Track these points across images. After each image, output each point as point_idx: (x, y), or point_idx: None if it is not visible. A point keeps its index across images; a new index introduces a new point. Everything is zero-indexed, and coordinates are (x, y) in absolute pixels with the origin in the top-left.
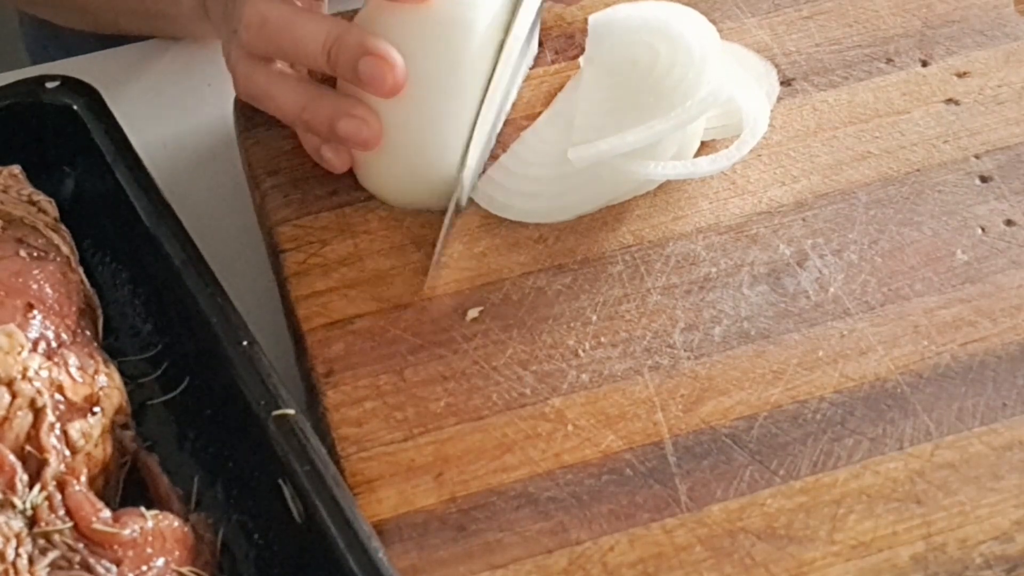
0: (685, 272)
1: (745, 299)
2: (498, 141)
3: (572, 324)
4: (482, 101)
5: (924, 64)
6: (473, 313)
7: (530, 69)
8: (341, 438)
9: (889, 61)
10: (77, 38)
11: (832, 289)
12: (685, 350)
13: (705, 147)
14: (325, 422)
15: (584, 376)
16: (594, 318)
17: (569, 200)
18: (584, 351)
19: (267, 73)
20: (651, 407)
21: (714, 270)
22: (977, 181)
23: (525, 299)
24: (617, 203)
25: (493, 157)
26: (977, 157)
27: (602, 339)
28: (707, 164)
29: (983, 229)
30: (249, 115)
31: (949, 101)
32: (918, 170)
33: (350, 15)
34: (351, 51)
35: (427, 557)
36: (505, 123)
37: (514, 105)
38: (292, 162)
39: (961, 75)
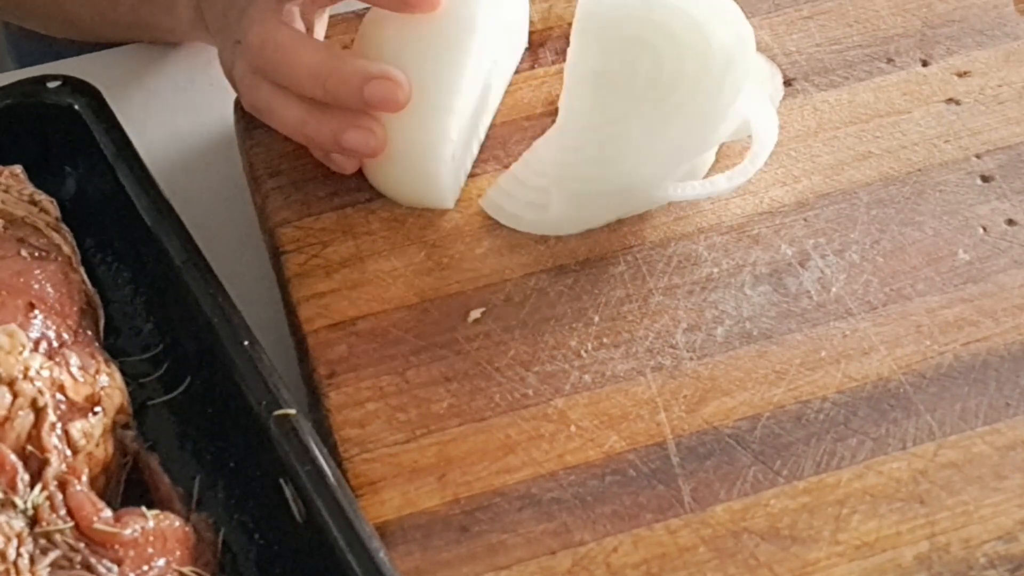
0: (687, 272)
1: (747, 299)
2: (492, 138)
3: (574, 325)
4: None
5: (924, 64)
6: (475, 314)
7: (530, 69)
8: (344, 440)
9: (889, 61)
10: (67, 46)
11: (834, 289)
12: (688, 350)
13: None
14: (328, 424)
15: (587, 377)
16: (596, 319)
17: (580, 215)
18: (586, 352)
19: (271, 87)
20: (654, 408)
21: (716, 270)
22: (978, 181)
23: (527, 300)
24: None
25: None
26: (978, 157)
27: (604, 340)
28: (725, 182)
29: (985, 229)
30: (249, 117)
31: (950, 101)
32: (919, 170)
33: (351, 16)
34: (352, 81)
35: (431, 558)
36: (503, 123)
37: (512, 107)
38: (293, 163)
39: (961, 75)
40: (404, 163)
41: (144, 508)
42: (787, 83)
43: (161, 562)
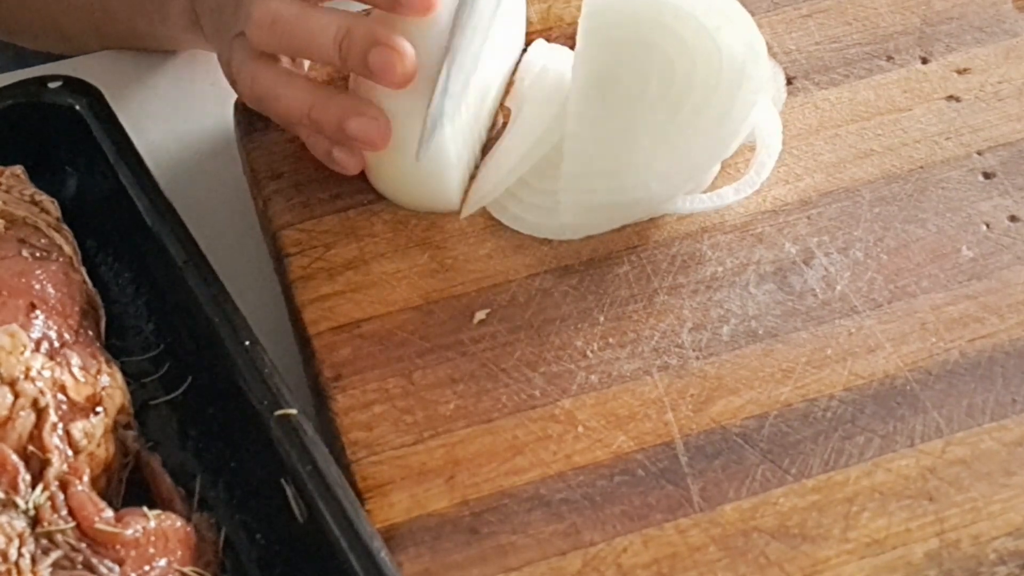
0: (691, 272)
1: (752, 298)
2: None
3: (580, 325)
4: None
5: (924, 61)
6: (480, 315)
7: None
8: (351, 442)
9: (889, 59)
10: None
11: (839, 287)
12: (694, 350)
13: None
14: (334, 426)
15: (593, 377)
16: (601, 319)
17: (587, 223)
18: (592, 352)
19: (274, 73)
20: (661, 407)
21: (720, 269)
22: (980, 177)
23: (532, 301)
24: None
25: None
26: (980, 153)
27: (610, 340)
28: (732, 194)
29: (987, 225)
30: (250, 119)
31: (950, 98)
32: (921, 167)
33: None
34: (361, 42)
35: (440, 561)
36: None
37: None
38: (294, 165)
39: (961, 72)
40: (409, 167)
41: (145, 508)
42: (788, 81)
43: (162, 562)
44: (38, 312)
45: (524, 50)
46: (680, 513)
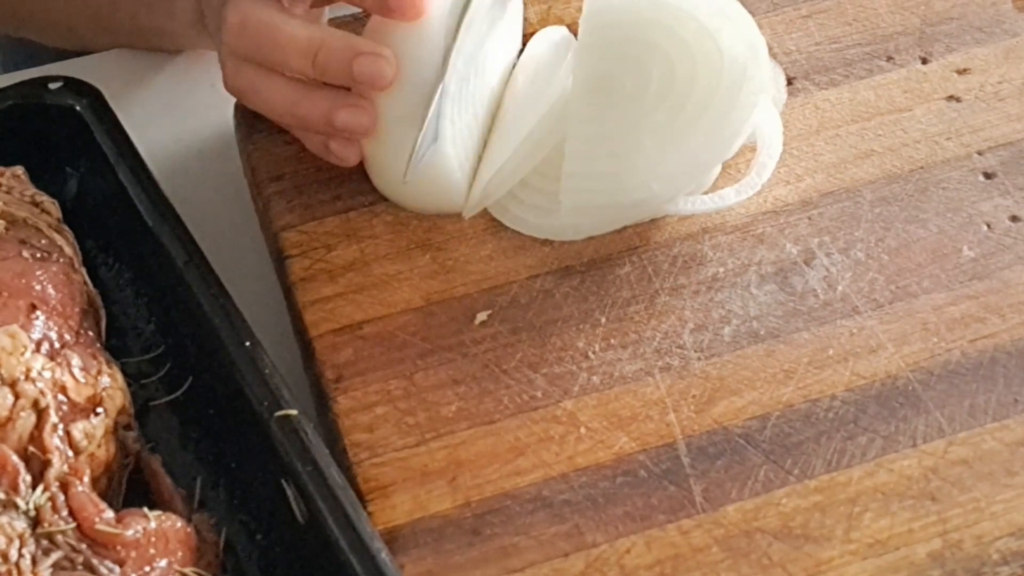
0: (693, 272)
1: (754, 298)
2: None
3: (581, 326)
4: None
5: (924, 61)
6: (482, 316)
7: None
8: (353, 444)
9: (889, 59)
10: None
11: (840, 287)
12: (695, 350)
13: None
14: (336, 428)
15: (595, 378)
16: (603, 320)
17: (588, 223)
18: (594, 353)
19: (255, 69)
20: (663, 408)
21: (721, 270)
22: (981, 178)
23: (533, 302)
24: None
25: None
26: (980, 154)
27: (612, 341)
28: (734, 195)
29: (988, 225)
30: (250, 120)
31: (950, 98)
32: (922, 167)
33: (349, 19)
34: (341, 55)
35: (443, 562)
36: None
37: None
38: (295, 167)
39: (961, 72)
40: (428, 170)
41: (146, 509)
42: (788, 82)
43: (163, 563)
44: (39, 313)
45: (521, 50)
46: (683, 514)
